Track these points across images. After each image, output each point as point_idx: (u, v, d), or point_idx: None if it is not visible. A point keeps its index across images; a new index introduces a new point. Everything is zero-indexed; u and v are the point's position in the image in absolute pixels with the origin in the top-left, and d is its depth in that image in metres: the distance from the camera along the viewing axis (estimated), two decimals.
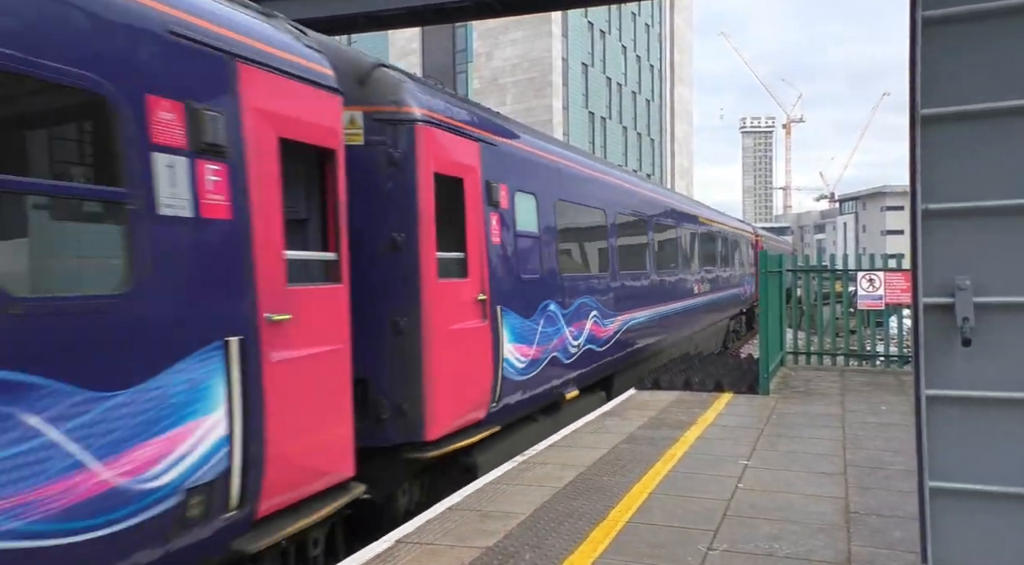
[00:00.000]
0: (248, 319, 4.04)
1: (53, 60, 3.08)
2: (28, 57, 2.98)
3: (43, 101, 3.42)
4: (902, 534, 4.66)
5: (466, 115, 6.92)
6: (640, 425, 8.08)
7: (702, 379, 10.51)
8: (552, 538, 4.74)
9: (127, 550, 3.34)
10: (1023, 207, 2.99)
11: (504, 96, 43.99)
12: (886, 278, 11.33)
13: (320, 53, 4.91)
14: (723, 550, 4.48)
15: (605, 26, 51.29)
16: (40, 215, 3.50)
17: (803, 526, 4.87)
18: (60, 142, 3.82)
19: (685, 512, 5.18)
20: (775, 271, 11.16)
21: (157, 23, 3.60)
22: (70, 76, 3.16)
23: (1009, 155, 3.01)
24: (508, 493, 5.73)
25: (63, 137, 3.83)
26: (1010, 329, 3.06)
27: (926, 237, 3.12)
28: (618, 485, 5.85)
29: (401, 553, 4.55)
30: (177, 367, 3.59)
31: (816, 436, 7.44)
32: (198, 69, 3.81)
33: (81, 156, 3.89)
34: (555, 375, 8.46)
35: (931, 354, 3.16)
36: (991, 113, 3.01)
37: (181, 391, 3.61)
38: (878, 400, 9.35)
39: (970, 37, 3.02)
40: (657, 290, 12.95)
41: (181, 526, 3.60)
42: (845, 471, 6.16)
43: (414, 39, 45.79)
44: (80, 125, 3.78)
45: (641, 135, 58.13)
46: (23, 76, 3.00)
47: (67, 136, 3.85)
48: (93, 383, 3.18)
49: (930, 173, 3.09)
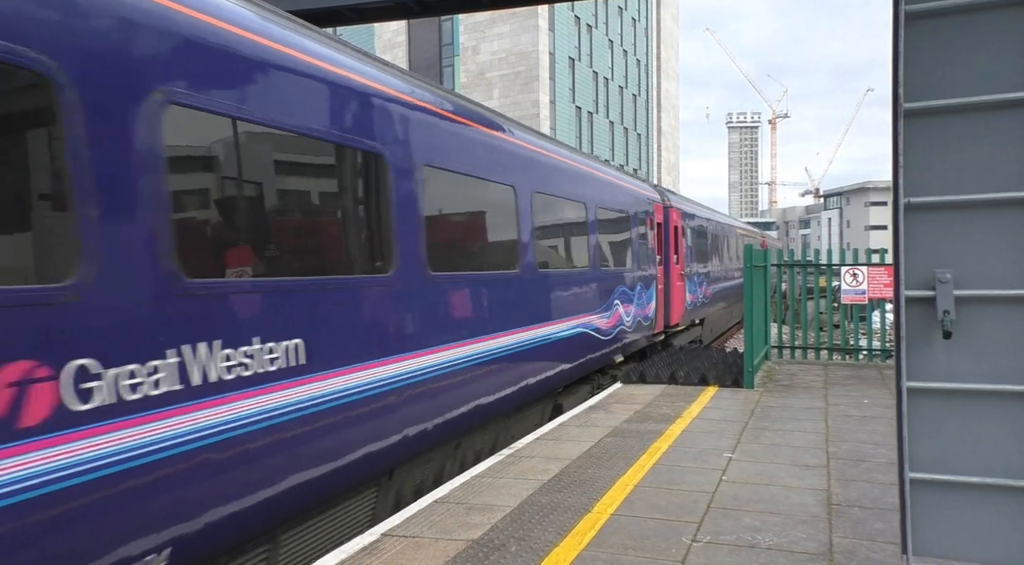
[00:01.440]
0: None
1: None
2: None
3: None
4: (883, 525, 4.71)
5: (678, 202, 16.70)
6: (626, 418, 8.11)
7: (687, 373, 10.57)
8: (537, 531, 4.75)
9: (641, 331, 12.77)
10: (1004, 201, 3.03)
11: (491, 90, 43.89)
12: (869, 273, 11.43)
13: (657, 189, 15.28)
14: (706, 542, 4.51)
15: (592, 20, 51.26)
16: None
17: (786, 518, 4.91)
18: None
19: (669, 504, 5.21)
20: (760, 266, 11.22)
21: (644, 201, 13.68)
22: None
23: (991, 149, 3.04)
24: (494, 486, 5.74)
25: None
26: (990, 322, 3.09)
27: (908, 231, 3.15)
28: (603, 478, 5.88)
29: (386, 546, 4.55)
30: (653, 288, 13.66)
31: (799, 429, 7.50)
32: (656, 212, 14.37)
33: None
34: (705, 303, 19.10)
35: (912, 346, 3.19)
36: (973, 107, 3.03)
37: (652, 293, 13.53)
38: (861, 393, 9.43)
39: (952, 32, 3.04)
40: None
41: (649, 328, 13.44)
42: (828, 463, 6.21)
43: (400, 32, 45.58)
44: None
45: (628, 130, 58.21)
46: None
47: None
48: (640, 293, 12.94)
49: (912, 167, 3.12)
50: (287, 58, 4.49)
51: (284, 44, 4.51)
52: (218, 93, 3.94)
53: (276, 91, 4.37)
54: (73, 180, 3.10)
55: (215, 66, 3.93)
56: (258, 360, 4.08)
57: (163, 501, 3.45)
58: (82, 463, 3.07)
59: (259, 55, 4.25)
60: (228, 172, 4.10)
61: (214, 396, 3.76)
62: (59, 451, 2.98)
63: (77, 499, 3.05)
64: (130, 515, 3.28)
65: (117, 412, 3.23)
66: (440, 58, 45.72)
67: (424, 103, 6.10)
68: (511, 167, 7.77)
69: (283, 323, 4.29)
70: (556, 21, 45.87)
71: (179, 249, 3.60)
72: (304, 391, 4.43)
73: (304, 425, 4.43)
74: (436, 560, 4.31)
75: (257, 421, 4.05)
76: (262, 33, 4.34)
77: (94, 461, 3.12)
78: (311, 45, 4.81)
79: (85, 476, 3.08)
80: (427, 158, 6.02)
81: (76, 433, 3.05)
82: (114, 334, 3.26)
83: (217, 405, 3.78)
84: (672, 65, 70.15)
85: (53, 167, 3.09)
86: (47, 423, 2.95)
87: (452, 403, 6.30)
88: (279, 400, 4.22)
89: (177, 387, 3.54)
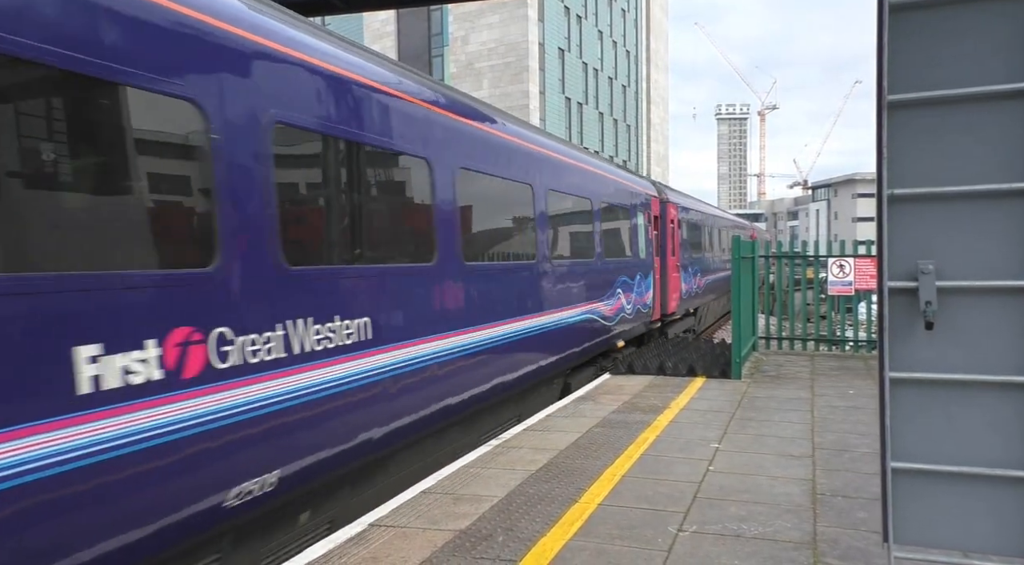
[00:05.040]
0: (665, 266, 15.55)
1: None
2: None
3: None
4: (866, 514, 4.76)
5: (674, 197, 17.34)
6: (614, 409, 8.14)
7: (675, 364, 10.61)
8: (525, 521, 4.78)
9: (640, 318, 13.45)
10: (986, 192, 3.05)
11: (480, 81, 43.76)
12: (856, 264, 11.49)
13: (654, 185, 16.10)
14: (692, 532, 4.55)
15: (581, 11, 51.14)
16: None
17: (771, 507, 4.95)
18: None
19: (656, 494, 5.25)
20: (748, 257, 11.27)
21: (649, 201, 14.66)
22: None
23: (973, 141, 3.06)
24: (481, 476, 5.75)
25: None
26: (972, 313, 3.12)
27: (892, 222, 3.17)
28: (591, 468, 5.90)
29: (374, 536, 4.56)
30: (651, 278, 14.29)
31: (786, 420, 7.55)
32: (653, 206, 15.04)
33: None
34: (699, 293, 19.79)
35: (895, 337, 3.22)
36: (956, 99, 3.05)
37: (650, 283, 14.27)
38: (846, 384, 9.51)
39: (936, 24, 3.06)
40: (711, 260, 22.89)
41: (647, 316, 14.06)
42: (813, 454, 6.27)
43: (389, 22, 45.33)
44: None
45: (617, 121, 58.20)
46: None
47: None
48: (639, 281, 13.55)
49: (896, 158, 3.13)
50: (373, 90, 5.45)
51: (376, 80, 5.52)
52: (317, 115, 4.79)
53: (368, 114, 5.36)
54: (217, 192, 3.97)
55: (314, 94, 4.78)
56: (339, 335, 4.97)
57: (272, 441, 4.33)
58: (222, 410, 3.92)
59: (349, 86, 5.16)
60: (318, 182, 5.00)
61: (305, 363, 4.60)
62: (210, 399, 3.84)
63: (220, 438, 3.93)
64: (253, 448, 4.18)
65: (243, 372, 4.08)
66: (429, 48, 45.53)
67: (464, 118, 6.98)
68: (530, 167, 8.58)
69: (356, 304, 5.17)
70: (546, 11, 45.73)
71: (283, 244, 4.42)
72: (369, 361, 5.31)
73: (368, 390, 5.30)
74: (423, 550, 4.33)
75: (338, 384, 4.93)
76: (363, 74, 5.37)
77: (229, 409, 3.97)
78: (391, 77, 5.82)
79: (223, 421, 3.93)
80: (463, 162, 6.87)
81: (218, 386, 3.89)
82: (241, 309, 4.08)
83: (308, 370, 4.63)
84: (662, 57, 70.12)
85: (203, 184, 3.92)
86: (201, 376, 3.79)
87: (478, 379, 7.12)
88: (354, 368, 5.13)
89: (282, 354, 4.41)
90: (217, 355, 3.91)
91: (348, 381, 5.00)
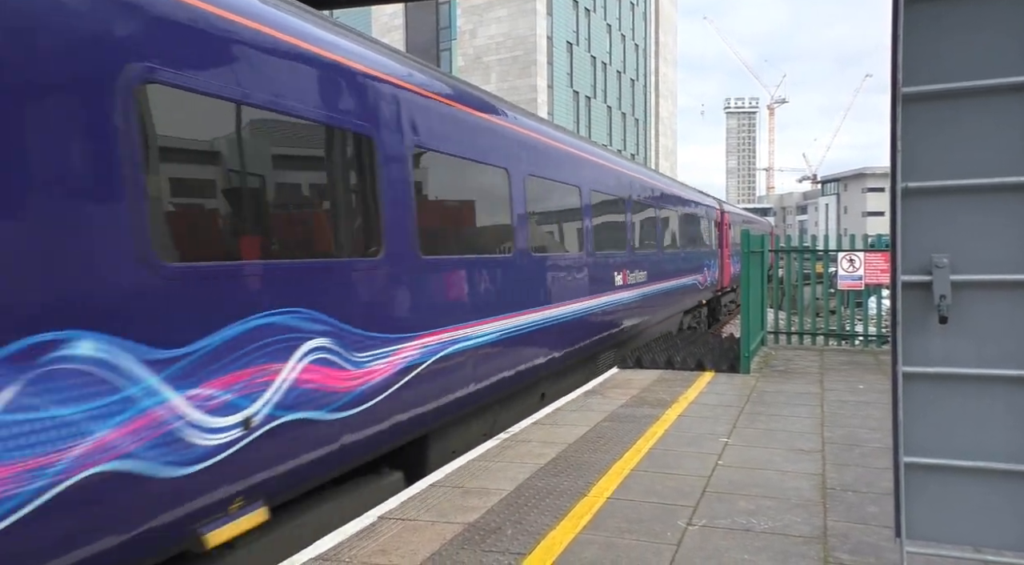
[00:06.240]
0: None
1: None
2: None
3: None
4: (877, 509, 4.74)
5: (726, 208, 24.56)
6: (622, 403, 8.13)
7: (684, 358, 10.59)
8: (533, 514, 4.78)
9: (712, 287, 21.34)
10: (1001, 185, 3.02)
11: (488, 74, 43.66)
12: (866, 258, 11.43)
13: (715, 199, 22.96)
14: (702, 526, 4.54)
15: (590, 4, 50.94)
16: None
17: (781, 502, 4.94)
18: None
19: (665, 488, 5.24)
20: (757, 251, 11.22)
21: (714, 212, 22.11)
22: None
23: (988, 133, 3.03)
24: (490, 470, 5.76)
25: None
26: (986, 307, 3.10)
27: (905, 215, 3.15)
28: (600, 462, 5.90)
29: (383, 529, 4.57)
30: (716, 262, 22.48)
31: (795, 414, 7.53)
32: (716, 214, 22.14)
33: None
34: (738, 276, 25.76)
35: (908, 331, 3.19)
36: (971, 92, 3.02)
37: (716, 265, 22.31)
38: (856, 379, 9.47)
39: (952, 16, 3.03)
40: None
41: (715, 286, 22.19)
42: (823, 448, 6.25)
43: (397, 15, 45.26)
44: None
45: (626, 115, 58.01)
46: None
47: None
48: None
49: (910, 151, 3.11)
50: (475, 119, 7.05)
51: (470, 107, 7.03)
52: (437, 141, 6.28)
53: (470, 135, 6.91)
54: (381, 199, 5.39)
55: (437, 125, 6.27)
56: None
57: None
58: (423, 350, 5.88)
59: (464, 119, 6.77)
60: (441, 192, 6.47)
61: (434, 328, 6.14)
62: (412, 345, 5.75)
63: (435, 365, 6.08)
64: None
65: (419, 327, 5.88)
66: (437, 42, 45.45)
67: (527, 131, 8.45)
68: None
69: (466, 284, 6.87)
70: (554, 5, 45.56)
71: (421, 238, 5.85)
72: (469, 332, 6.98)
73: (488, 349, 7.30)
74: (432, 543, 4.33)
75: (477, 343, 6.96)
76: (470, 104, 7.00)
77: (432, 352, 6.02)
78: (487, 103, 7.43)
79: (424, 358, 5.89)
80: (531, 170, 8.39)
81: (416, 336, 5.82)
82: (396, 286, 5.55)
83: (441, 333, 6.29)
84: (670, 50, 69.82)
85: (375, 195, 5.34)
86: (407, 327, 5.71)
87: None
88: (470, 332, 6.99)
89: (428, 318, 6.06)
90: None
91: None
